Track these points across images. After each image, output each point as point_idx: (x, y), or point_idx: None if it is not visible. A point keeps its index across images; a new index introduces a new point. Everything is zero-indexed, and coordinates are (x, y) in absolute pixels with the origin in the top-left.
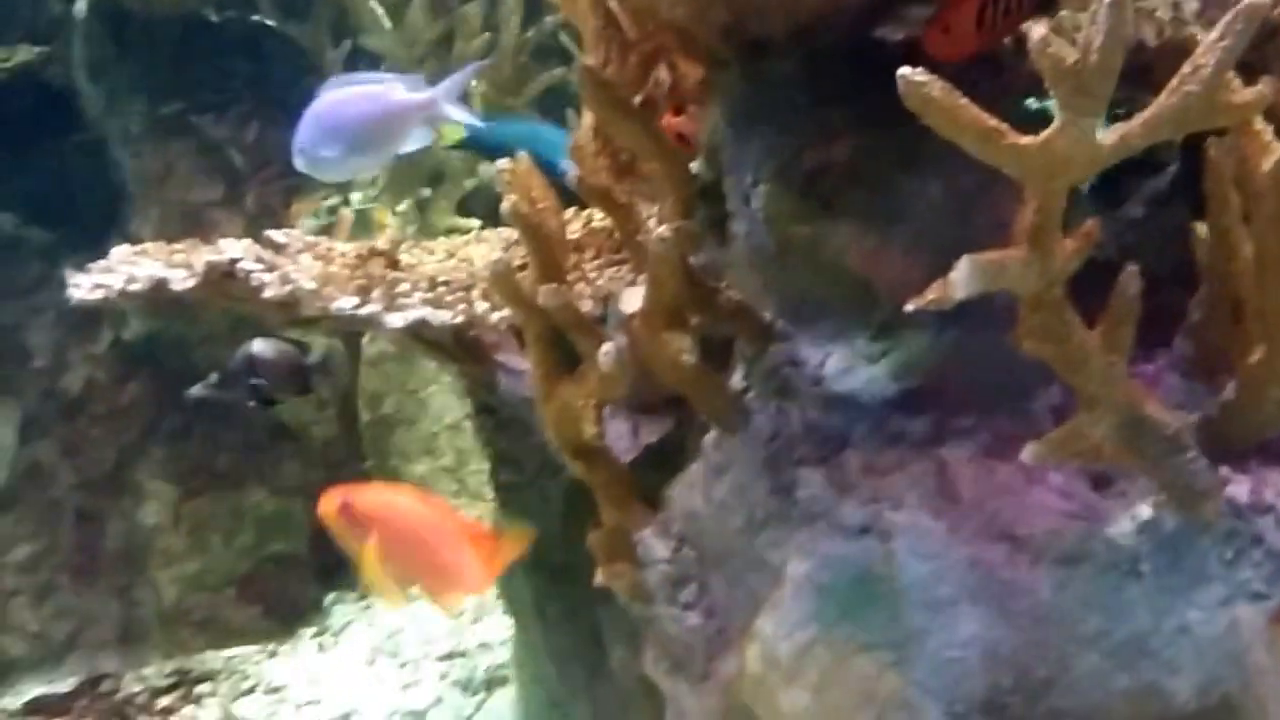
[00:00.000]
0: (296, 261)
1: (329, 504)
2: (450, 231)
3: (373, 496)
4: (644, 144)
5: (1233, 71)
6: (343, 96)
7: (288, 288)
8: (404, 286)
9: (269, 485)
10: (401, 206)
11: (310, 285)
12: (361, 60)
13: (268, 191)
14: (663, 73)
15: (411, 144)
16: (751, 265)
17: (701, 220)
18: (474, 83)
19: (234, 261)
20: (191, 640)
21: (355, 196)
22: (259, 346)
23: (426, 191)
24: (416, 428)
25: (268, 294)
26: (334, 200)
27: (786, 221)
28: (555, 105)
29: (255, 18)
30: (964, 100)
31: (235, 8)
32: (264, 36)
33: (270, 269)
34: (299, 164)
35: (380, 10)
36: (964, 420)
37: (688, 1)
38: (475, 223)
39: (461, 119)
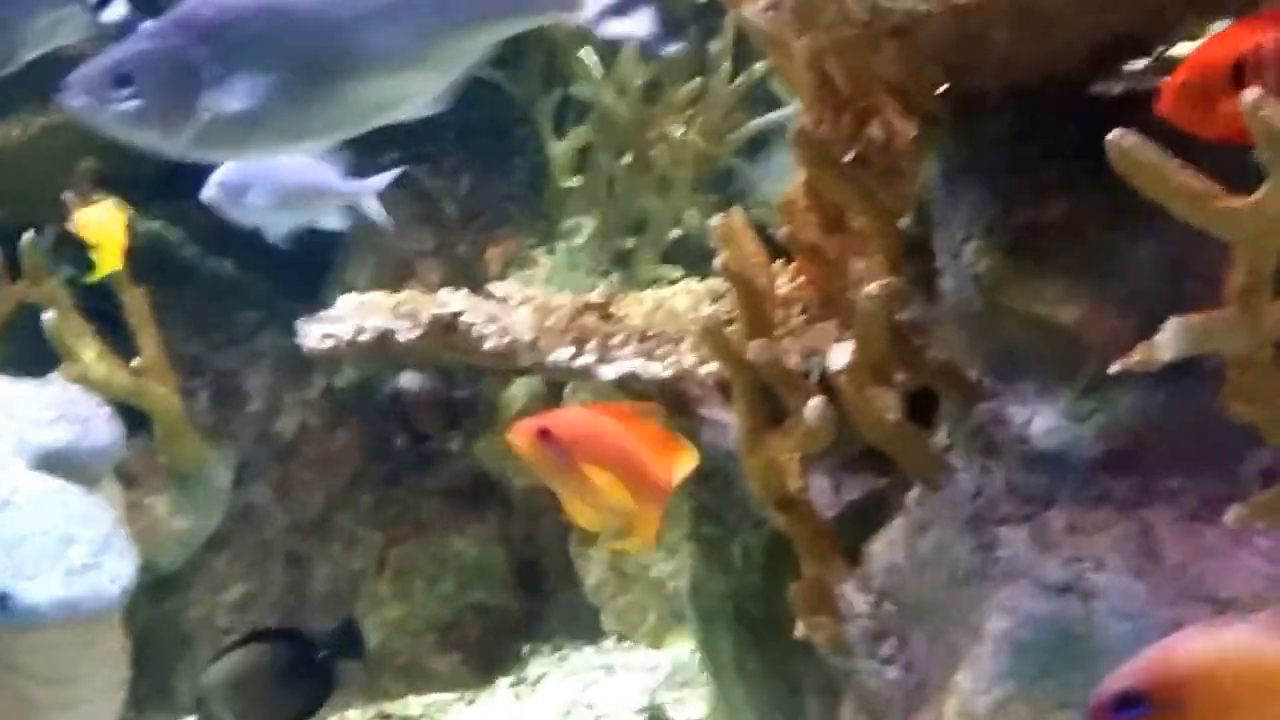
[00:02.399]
0: (514, 313)
1: (523, 435)
2: (655, 281)
3: (570, 420)
4: (854, 202)
5: None
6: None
7: (506, 339)
8: (616, 339)
9: (471, 534)
10: (606, 256)
11: (528, 337)
12: (570, 109)
13: (478, 240)
14: (876, 129)
15: (326, 221)
16: (958, 322)
17: (909, 277)
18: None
19: (457, 315)
20: (392, 685)
21: (560, 246)
22: (405, 381)
23: (630, 241)
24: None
25: (488, 346)
26: (539, 250)
27: (996, 278)
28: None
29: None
30: (1174, 163)
31: None
32: (474, 86)
33: (490, 321)
34: (210, 193)
35: (593, 58)
36: (1170, 482)
37: (902, 59)
38: (678, 272)
39: (375, 217)
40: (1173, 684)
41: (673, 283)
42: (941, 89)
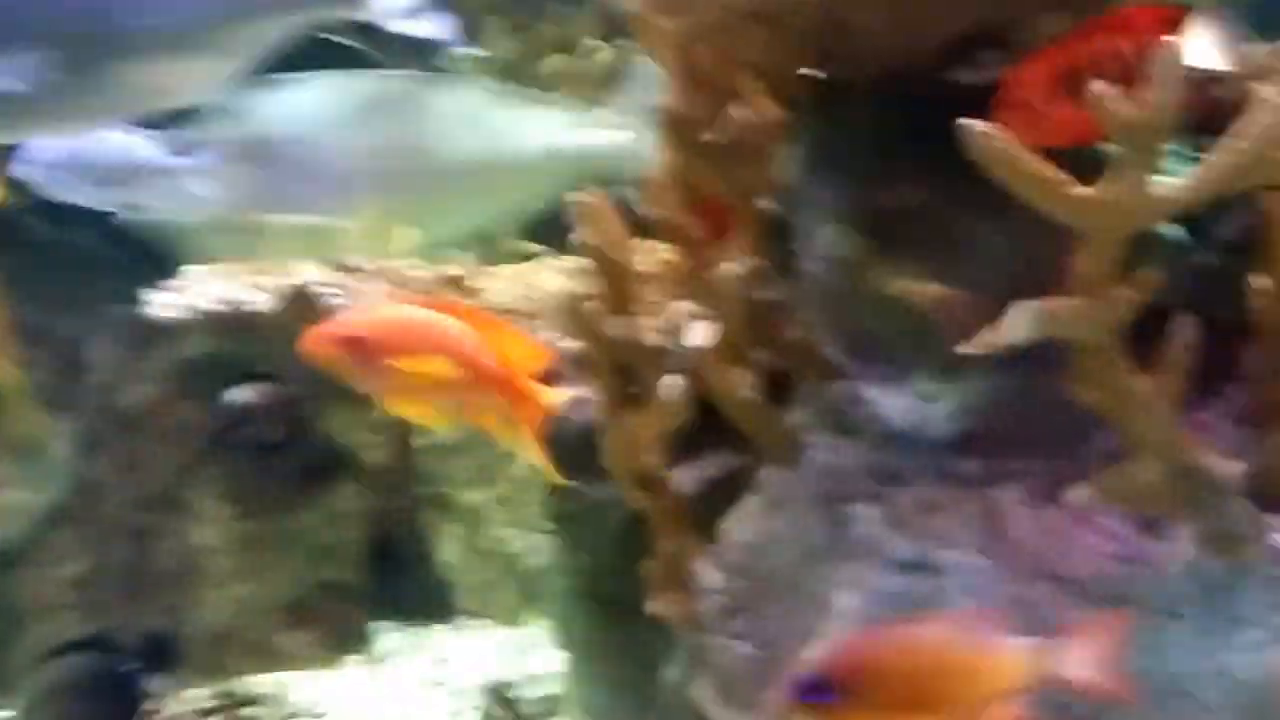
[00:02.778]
0: (371, 286)
1: (320, 342)
2: (517, 257)
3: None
4: (716, 181)
5: None
6: (104, 136)
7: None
8: None
9: (322, 510)
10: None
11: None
12: None
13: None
14: (740, 111)
15: (148, 199)
16: (817, 303)
17: (769, 257)
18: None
19: (308, 284)
20: (238, 663)
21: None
22: (240, 394)
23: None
24: (472, 455)
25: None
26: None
27: (853, 261)
28: None
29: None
30: (1025, 151)
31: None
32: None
33: (344, 292)
34: (24, 170)
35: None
36: (1016, 462)
37: (769, 43)
38: (541, 249)
39: (198, 190)
40: (854, 671)
41: (533, 258)
42: (805, 74)
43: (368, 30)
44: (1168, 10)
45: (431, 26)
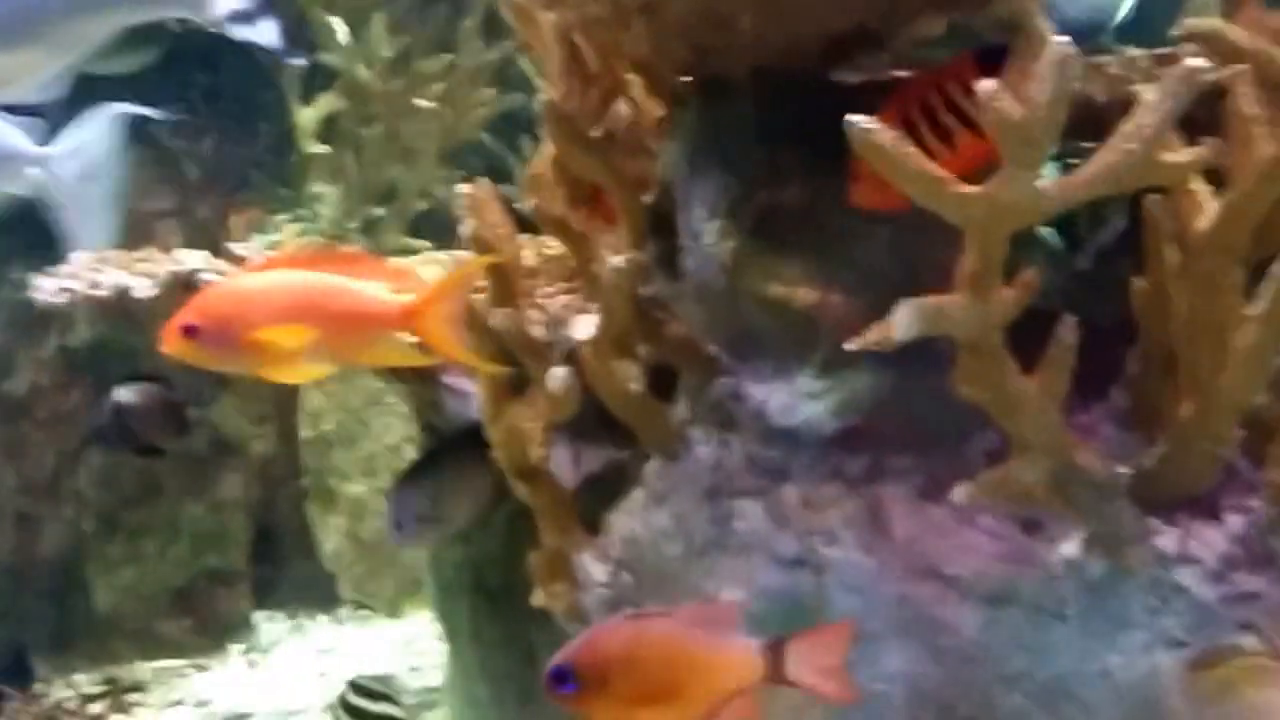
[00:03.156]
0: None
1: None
2: (401, 252)
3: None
4: (601, 176)
5: (1174, 131)
6: None
7: None
8: None
9: (206, 498)
10: (352, 224)
11: None
12: (321, 75)
13: (219, 204)
14: (623, 107)
15: (11, 186)
16: (700, 299)
17: (653, 253)
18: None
19: (194, 272)
20: (123, 649)
21: (304, 213)
22: (124, 395)
23: (378, 211)
24: (356, 447)
25: None
26: (283, 216)
27: (735, 259)
28: (511, 130)
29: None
30: (910, 149)
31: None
32: (223, 48)
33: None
34: None
35: (340, 27)
36: (900, 460)
37: (650, 39)
38: (425, 244)
39: (65, 178)
40: (597, 664)
41: (417, 253)
42: (687, 70)
43: None
44: (980, 51)
45: (263, 32)
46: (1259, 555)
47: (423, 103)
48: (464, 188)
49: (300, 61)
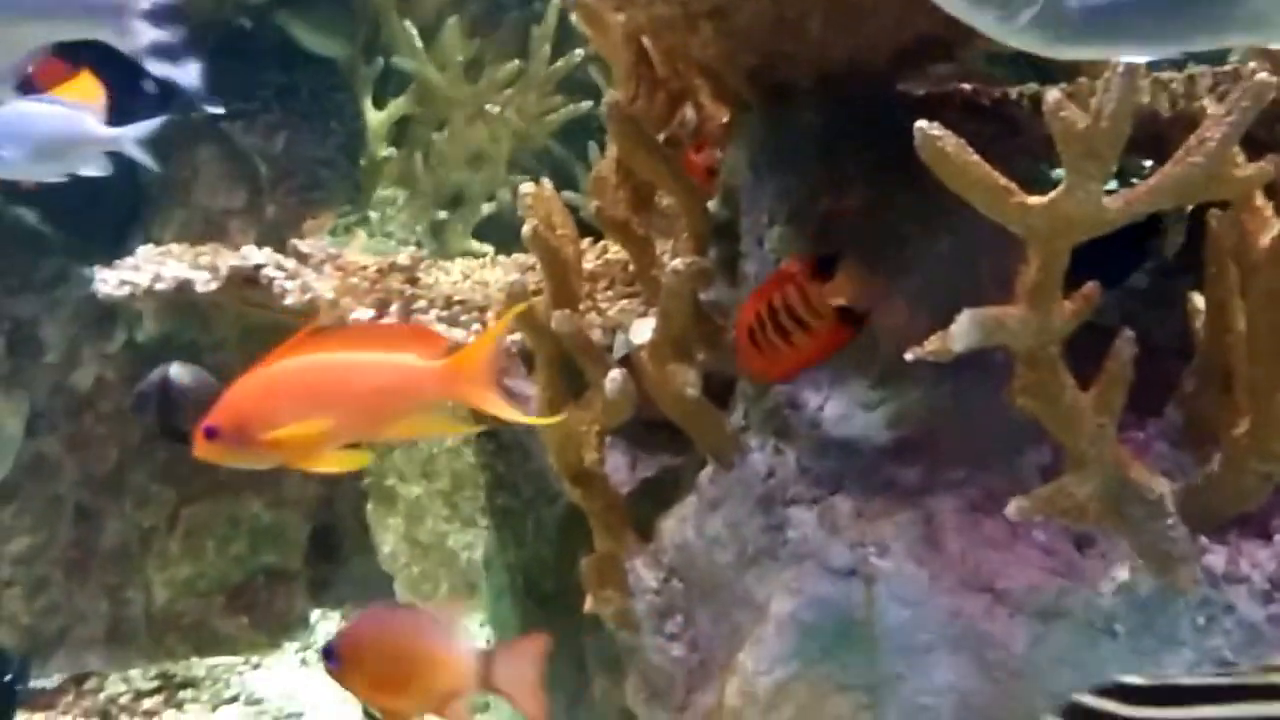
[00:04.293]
0: (318, 271)
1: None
2: (464, 255)
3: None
4: (664, 180)
5: (1238, 147)
6: (36, 108)
7: (307, 296)
8: (421, 303)
9: (266, 497)
10: (419, 228)
11: (329, 295)
12: (393, 78)
13: (289, 203)
14: (689, 112)
15: (87, 169)
16: None
17: (715, 258)
18: (499, 109)
19: (258, 267)
20: (178, 645)
21: (373, 215)
22: (176, 371)
23: (443, 214)
24: (415, 448)
25: (288, 301)
26: (352, 218)
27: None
28: (580, 137)
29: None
30: (976, 157)
31: (270, 18)
32: (297, 49)
33: (292, 277)
34: None
35: (413, 31)
36: (954, 472)
37: (718, 43)
38: (489, 248)
39: (141, 160)
40: (353, 648)
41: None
42: (753, 76)
43: None
44: (817, 258)
45: (185, 72)
46: None
47: (493, 108)
48: (526, 188)
49: (219, 110)
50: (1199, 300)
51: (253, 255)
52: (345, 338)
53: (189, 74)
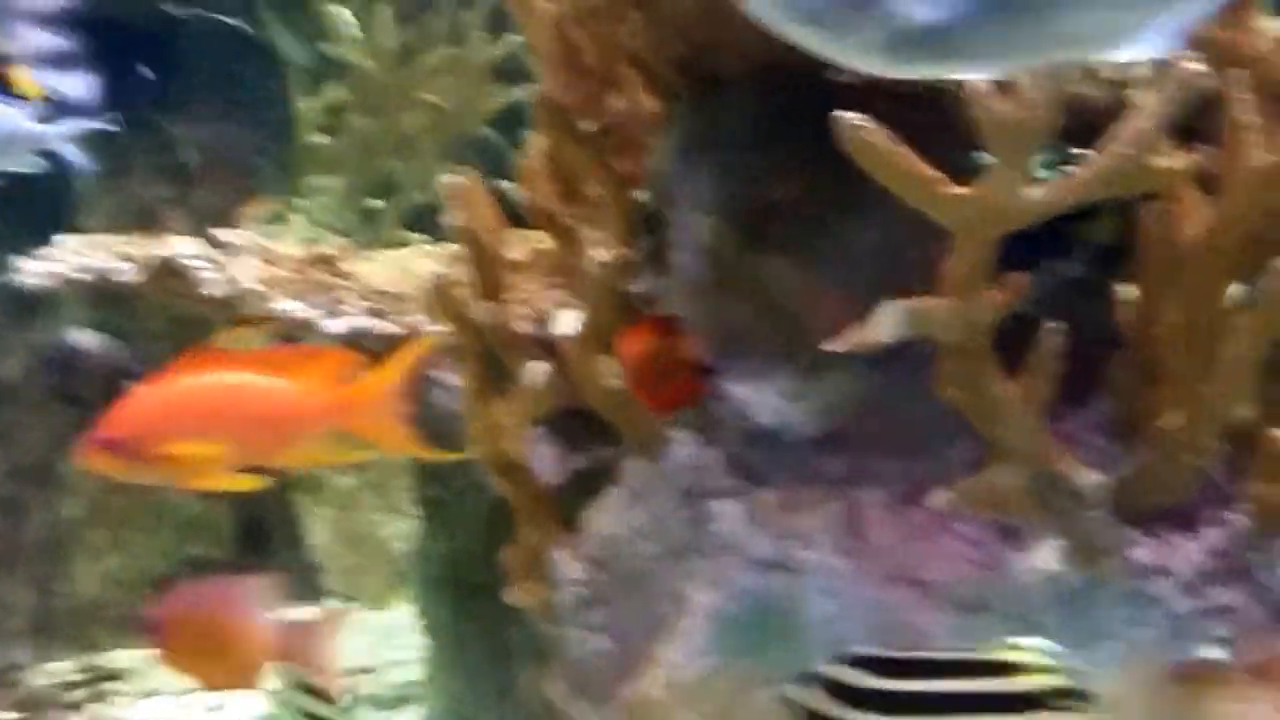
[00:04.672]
0: (242, 261)
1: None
2: (395, 244)
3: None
4: (592, 171)
5: (1168, 137)
6: None
7: (231, 287)
8: (347, 294)
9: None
10: (351, 216)
11: (253, 286)
12: (332, 66)
13: (222, 191)
14: (618, 100)
15: (18, 166)
16: (687, 297)
17: (643, 250)
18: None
19: (180, 257)
20: (104, 637)
21: (306, 204)
22: (75, 336)
23: (376, 203)
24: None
25: (210, 291)
26: (284, 206)
27: (726, 255)
28: (516, 124)
29: (222, 18)
30: (900, 147)
31: (201, 6)
32: (230, 37)
33: (215, 267)
34: None
35: (348, 18)
36: (881, 464)
37: (646, 32)
38: (422, 238)
39: (74, 159)
40: (171, 615)
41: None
42: (683, 65)
43: None
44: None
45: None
46: (1234, 569)
47: (426, 96)
48: (450, 179)
49: (112, 128)
50: (1129, 291)
51: (176, 245)
52: (251, 359)
53: (78, 86)
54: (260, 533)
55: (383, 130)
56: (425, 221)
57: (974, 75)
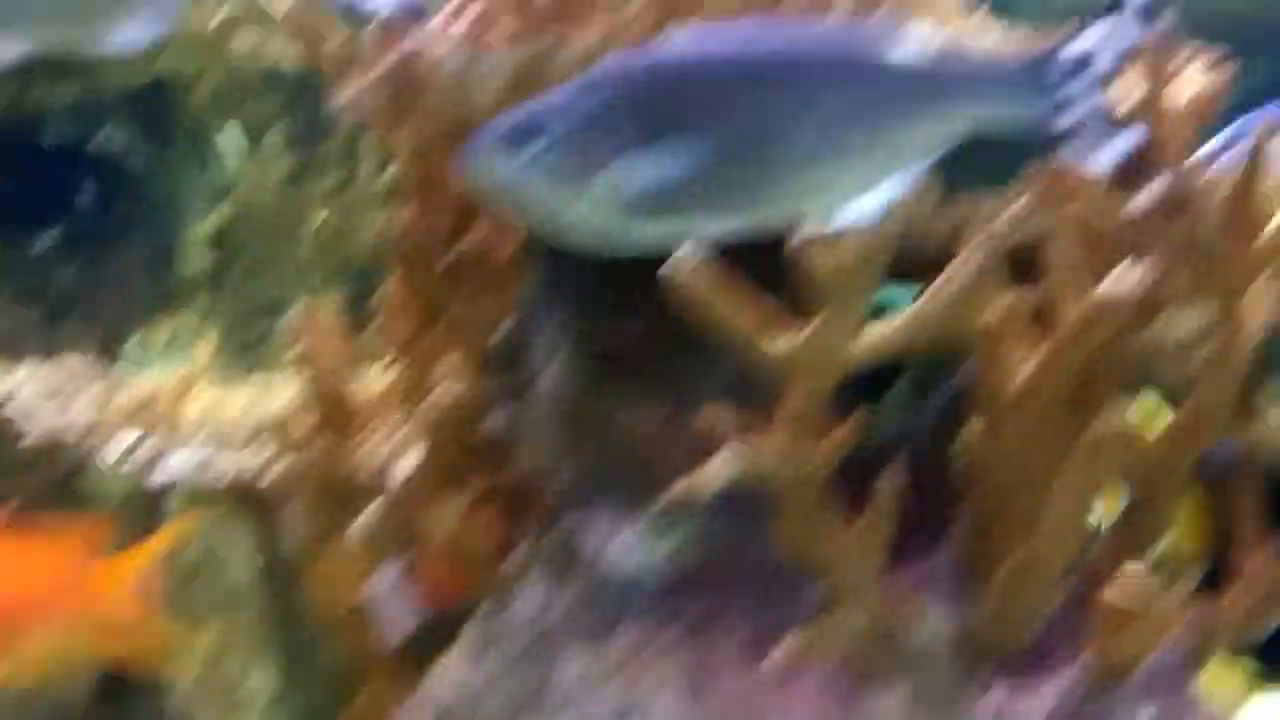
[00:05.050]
0: (82, 393)
1: None
2: (273, 371)
3: None
4: (449, 303)
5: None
6: None
7: (59, 424)
8: (190, 428)
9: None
10: (229, 342)
11: (85, 421)
12: (210, 188)
13: (91, 321)
14: (477, 233)
15: None
16: (546, 434)
17: (503, 384)
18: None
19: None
20: None
21: (180, 331)
22: None
23: (258, 329)
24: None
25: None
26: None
27: (579, 395)
28: None
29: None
30: (729, 293)
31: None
32: (105, 157)
33: (50, 397)
34: None
35: (237, 138)
36: (733, 609)
37: None
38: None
39: None
40: None
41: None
42: None
43: None
44: None
45: None
46: (1083, 715)
47: (313, 221)
48: (297, 309)
49: None
50: (971, 426)
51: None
52: None
53: None
54: (121, 683)
55: (269, 255)
56: None
57: (714, 233)
